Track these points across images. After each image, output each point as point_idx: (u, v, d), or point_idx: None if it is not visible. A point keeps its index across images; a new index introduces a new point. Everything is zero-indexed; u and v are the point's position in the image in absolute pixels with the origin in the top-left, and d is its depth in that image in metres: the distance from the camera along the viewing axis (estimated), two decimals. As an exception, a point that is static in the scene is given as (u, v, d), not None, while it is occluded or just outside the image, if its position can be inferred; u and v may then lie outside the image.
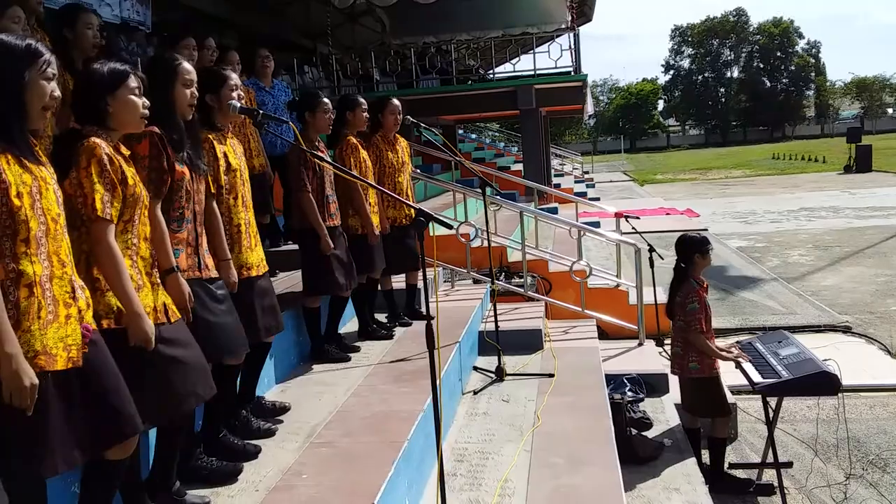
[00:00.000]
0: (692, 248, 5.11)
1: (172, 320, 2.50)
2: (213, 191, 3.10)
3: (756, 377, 4.86)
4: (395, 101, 5.24)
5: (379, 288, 5.30)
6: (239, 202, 3.29)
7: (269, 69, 6.00)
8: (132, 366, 2.25)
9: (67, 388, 2.00)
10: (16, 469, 1.91)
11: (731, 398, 5.52)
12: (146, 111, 2.45)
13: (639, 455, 4.59)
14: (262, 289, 3.42)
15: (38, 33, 3.80)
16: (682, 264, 5.16)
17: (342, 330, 5.09)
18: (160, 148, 2.67)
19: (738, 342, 5.55)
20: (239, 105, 3.18)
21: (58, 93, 2.06)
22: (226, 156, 3.23)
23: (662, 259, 7.32)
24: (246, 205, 3.34)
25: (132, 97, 2.40)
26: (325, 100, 4.50)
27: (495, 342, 4.96)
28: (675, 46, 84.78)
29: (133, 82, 2.41)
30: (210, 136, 3.18)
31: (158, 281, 2.52)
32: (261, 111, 3.17)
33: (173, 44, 4.61)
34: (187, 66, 2.87)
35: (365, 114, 4.90)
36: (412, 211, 5.33)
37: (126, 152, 2.44)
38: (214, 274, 2.97)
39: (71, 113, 2.44)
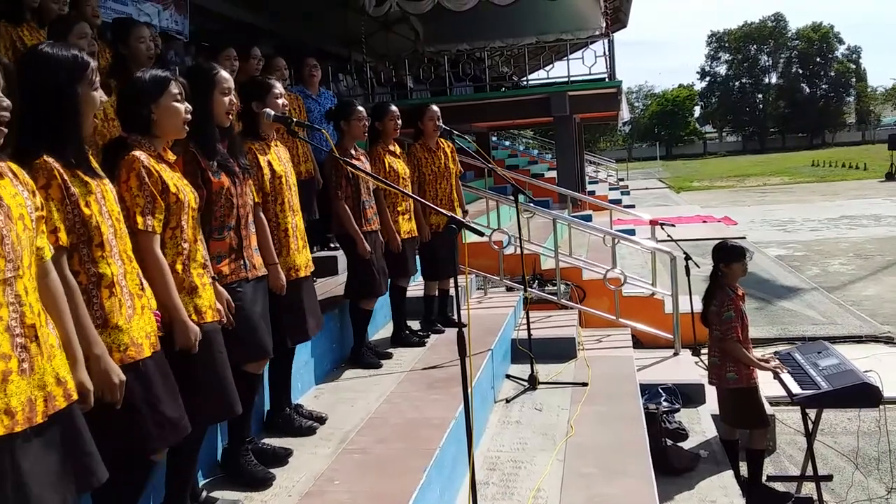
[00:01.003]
0: (728, 256, 5.03)
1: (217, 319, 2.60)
2: (257, 200, 3.15)
3: (795, 388, 4.76)
4: (434, 107, 5.26)
5: (423, 294, 5.35)
6: (286, 207, 3.38)
7: (317, 78, 6.08)
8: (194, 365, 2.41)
9: (155, 372, 2.16)
10: (130, 451, 2.11)
11: (769, 409, 5.42)
12: (188, 116, 2.49)
13: (674, 466, 4.52)
14: (309, 289, 3.56)
15: (98, 46, 3.90)
16: (717, 272, 5.09)
17: (375, 337, 5.12)
18: (194, 165, 2.73)
19: (776, 352, 5.44)
20: (273, 113, 3.23)
21: (104, 97, 2.15)
22: (270, 164, 3.31)
23: (699, 267, 7.21)
24: (293, 209, 3.43)
25: (174, 104, 2.45)
26: (360, 108, 4.55)
27: (528, 350, 4.93)
28: (712, 52, 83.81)
29: (174, 88, 2.46)
30: (253, 147, 3.25)
31: (210, 281, 2.60)
32: (293, 119, 3.22)
33: (214, 54, 4.68)
34: (225, 74, 2.92)
35: (394, 122, 4.92)
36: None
37: (172, 157, 2.50)
38: (262, 272, 3.05)
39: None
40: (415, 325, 5.32)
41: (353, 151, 4.51)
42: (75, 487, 1.76)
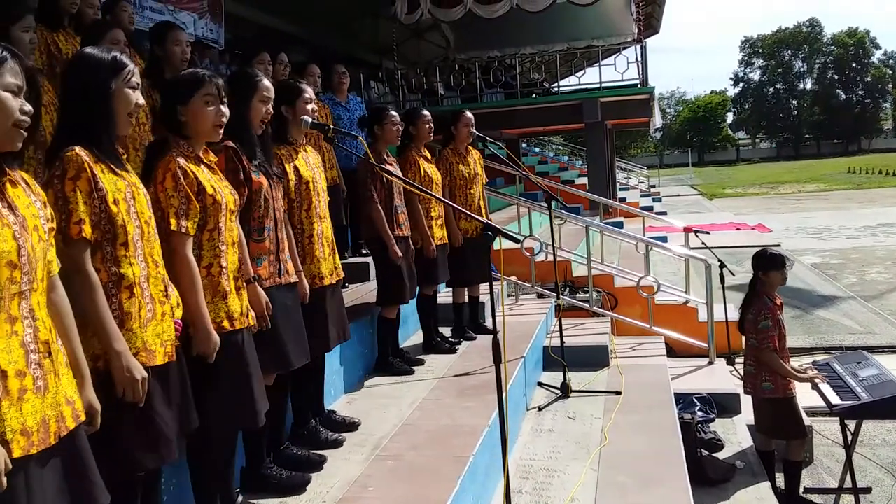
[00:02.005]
0: (768, 264, 4.96)
1: (251, 324, 2.60)
2: (284, 205, 3.14)
3: (834, 399, 4.68)
4: (469, 114, 5.26)
5: (452, 301, 5.34)
6: (312, 213, 3.32)
7: (345, 85, 6.12)
8: (218, 372, 2.38)
9: (167, 381, 2.13)
10: (136, 460, 2.05)
11: (806, 420, 5.32)
12: (223, 120, 2.47)
13: (710, 477, 4.46)
14: (334, 298, 3.50)
15: (129, 52, 3.97)
16: (756, 280, 5.01)
17: (406, 343, 5.12)
18: (236, 161, 2.74)
19: (814, 362, 5.35)
20: (311, 120, 3.23)
21: (141, 100, 2.14)
22: (296, 169, 3.27)
23: (734, 275, 7.12)
24: (319, 215, 3.37)
25: (206, 107, 2.43)
26: (393, 113, 4.57)
27: (561, 358, 4.90)
28: (746, 58, 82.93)
29: (207, 90, 2.43)
30: (279, 152, 3.22)
31: (243, 285, 2.59)
32: (332, 126, 3.21)
33: (249, 59, 4.73)
34: (267, 83, 2.93)
35: (427, 126, 4.93)
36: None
37: (213, 159, 2.51)
38: (294, 279, 3.04)
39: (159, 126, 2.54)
40: (445, 331, 5.32)
41: (385, 157, 4.52)
42: None
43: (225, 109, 2.47)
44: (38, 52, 3.69)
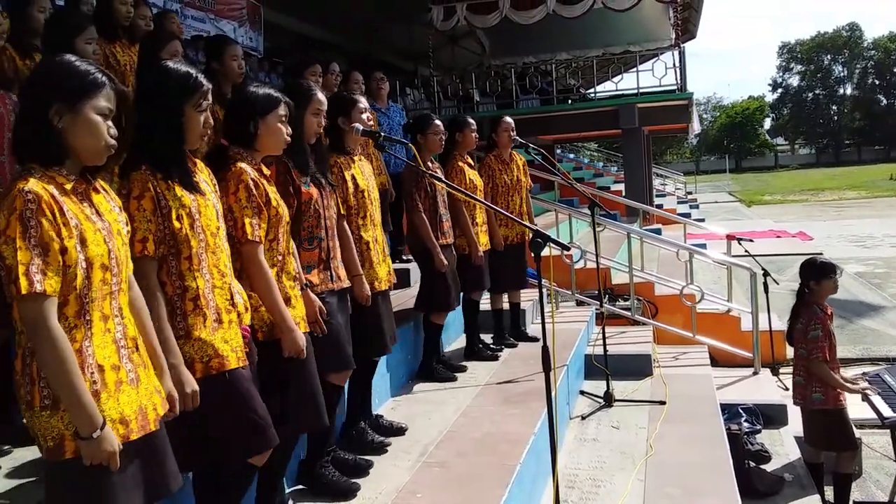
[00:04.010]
0: (819, 273, 4.86)
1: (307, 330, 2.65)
2: (342, 212, 3.20)
3: (886, 411, 4.57)
4: (508, 119, 5.26)
5: (491, 307, 5.33)
6: (368, 221, 3.41)
7: (385, 91, 6.16)
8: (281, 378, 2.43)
9: (242, 383, 2.19)
10: (220, 459, 2.18)
11: (856, 432, 5.19)
12: (289, 138, 2.55)
13: (758, 489, 4.38)
14: (387, 302, 3.59)
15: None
16: (805, 289, 4.91)
17: (447, 350, 5.11)
18: (285, 175, 2.78)
19: (864, 373, 5.24)
20: (362, 128, 3.28)
21: (211, 121, 2.19)
22: (354, 178, 3.35)
23: (778, 284, 6.99)
24: (374, 222, 3.46)
25: (279, 124, 2.51)
26: (437, 122, 4.58)
27: (604, 367, 4.85)
28: (784, 63, 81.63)
29: (282, 110, 2.52)
30: (339, 160, 3.30)
31: (299, 294, 2.64)
32: (382, 133, 3.25)
33: (300, 70, 4.78)
34: (321, 97, 2.98)
35: (474, 134, 4.94)
36: (524, 229, 5.35)
37: (267, 172, 2.55)
38: (346, 284, 3.09)
39: (218, 136, 2.58)
40: (486, 338, 5.30)
41: (429, 164, 4.53)
42: (153, 495, 1.82)
43: (289, 129, 2.55)
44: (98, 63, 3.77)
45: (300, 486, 3.07)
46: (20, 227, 1.57)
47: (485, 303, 5.42)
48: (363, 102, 3.37)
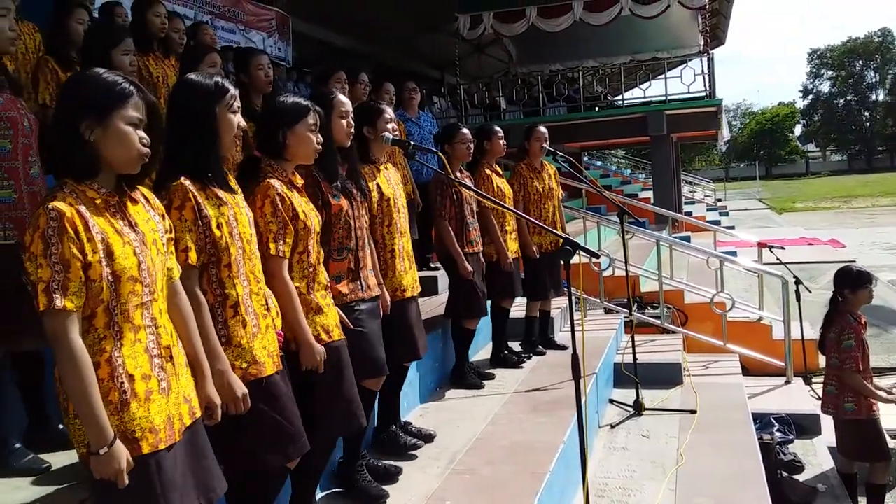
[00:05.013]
0: (855, 282, 4.78)
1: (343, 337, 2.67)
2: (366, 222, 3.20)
3: (923, 422, 4.47)
4: (542, 129, 5.27)
5: (525, 314, 5.34)
6: (393, 229, 3.41)
7: (416, 101, 6.19)
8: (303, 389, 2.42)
9: (278, 389, 2.23)
10: (255, 463, 2.21)
11: (890, 442, 5.09)
12: (319, 147, 2.58)
13: (791, 500, 4.33)
14: (416, 310, 3.58)
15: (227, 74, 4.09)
16: (839, 297, 4.84)
17: (475, 357, 5.10)
18: (315, 188, 2.80)
19: (899, 383, 5.13)
20: (392, 137, 3.30)
21: (244, 123, 2.23)
22: (379, 187, 3.36)
23: (810, 292, 6.88)
24: (400, 230, 3.46)
25: (309, 133, 2.54)
26: (465, 130, 4.60)
27: (634, 375, 4.82)
28: (814, 69, 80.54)
29: (312, 118, 2.55)
30: (363, 170, 3.30)
31: (331, 302, 2.67)
32: (411, 142, 3.27)
33: (325, 79, 4.83)
34: (342, 98, 3.01)
35: (502, 142, 4.95)
36: (556, 237, 5.34)
37: (299, 181, 2.57)
38: (376, 292, 3.10)
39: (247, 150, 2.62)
40: (514, 345, 5.30)
41: (458, 174, 4.55)
42: (198, 500, 1.84)
43: (320, 137, 2.58)
44: None
45: (333, 490, 3.10)
46: (42, 245, 1.62)
47: (515, 309, 5.40)
48: (389, 112, 3.39)
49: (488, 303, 4.80)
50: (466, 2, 14.28)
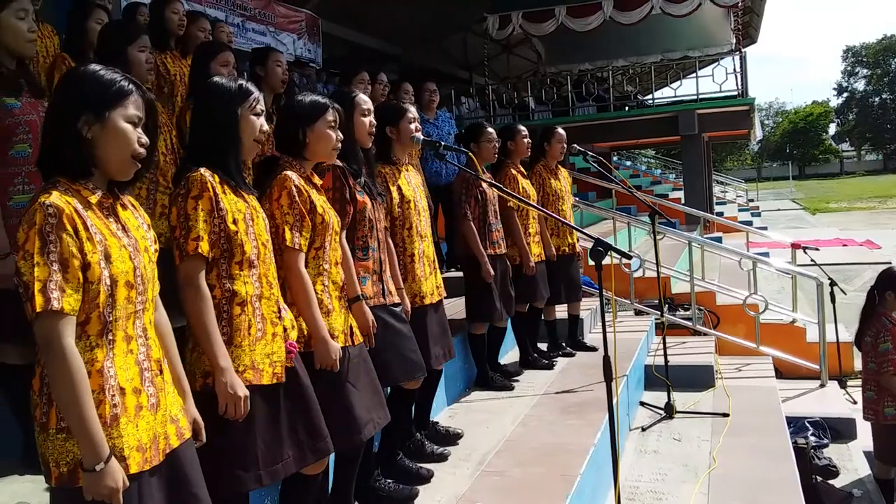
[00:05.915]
0: (891, 284, 4.68)
1: (356, 343, 2.59)
2: (386, 224, 3.15)
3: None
4: (562, 131, 5.26)
5: (544, 318, 5.28)
6: (413, 232, 3.32)
7: (435, 102, 6.19)
8: (318, 389, 2.34)
9: (273, 402, 2.15)
10: (225, 481, 2.04)
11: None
12: (339, 144, 2.56)
13: (826, 506, 4.24)
14: (436, 316, 3.46)
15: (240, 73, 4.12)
16: (875, 299, 4.74)
17: (503, 359, 5.08)
18: (342, 181, 2.79)
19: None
20: (422, 137, 3.28)
21: (266, 127, 2.22)
22: (399, 188, 3.29)
23: (846, 294, 6.76)
24: (420, 234, 3.36)
25: (328, 130, 2.51)
26: (490, 130, 4.58)
27: (665, 378, 4.76)
28: (849, 67, 79.11)
29: (330, 116, 2.52)
30: (383, 171, 3.26)
31: (345, 306, 2.60)
32: (442, 143, 3.24)
33: (348, 78, 4.85)
34: (363, 97, 3.00)
35: (526, 140, 4.92)
36: (575, 240, 5.30)
37: (318, 181, 2.56)
38: (397, 299, 3.05)
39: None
40: (543, 347, 5.27)
41: (483, 172, 4.52)
42: None
43: (340, 134, 2.56)
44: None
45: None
46: (39, 242, 1.51)
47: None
48: (413, 111, 3.34)
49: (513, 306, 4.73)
50: (496, 1, 14.26)
